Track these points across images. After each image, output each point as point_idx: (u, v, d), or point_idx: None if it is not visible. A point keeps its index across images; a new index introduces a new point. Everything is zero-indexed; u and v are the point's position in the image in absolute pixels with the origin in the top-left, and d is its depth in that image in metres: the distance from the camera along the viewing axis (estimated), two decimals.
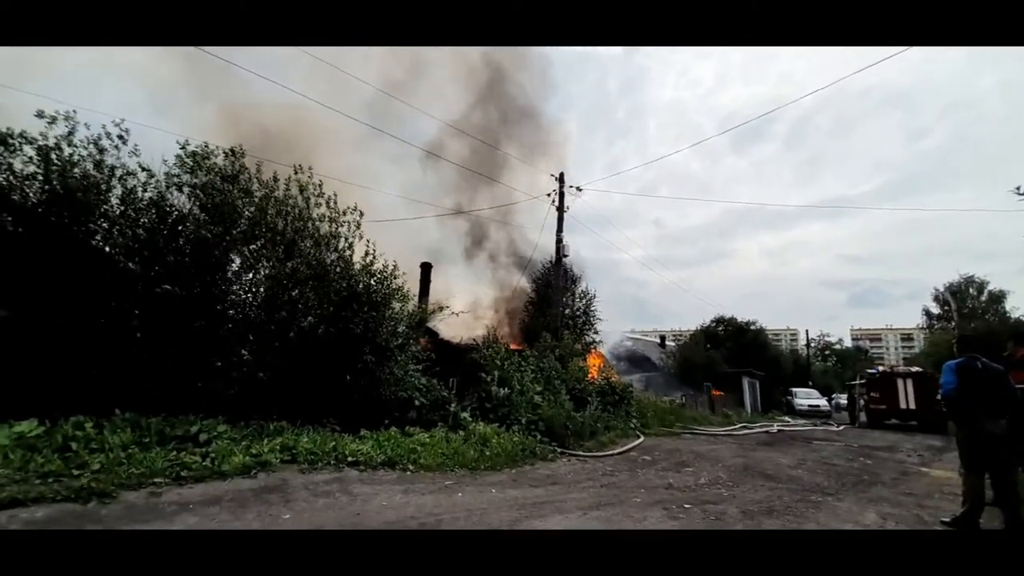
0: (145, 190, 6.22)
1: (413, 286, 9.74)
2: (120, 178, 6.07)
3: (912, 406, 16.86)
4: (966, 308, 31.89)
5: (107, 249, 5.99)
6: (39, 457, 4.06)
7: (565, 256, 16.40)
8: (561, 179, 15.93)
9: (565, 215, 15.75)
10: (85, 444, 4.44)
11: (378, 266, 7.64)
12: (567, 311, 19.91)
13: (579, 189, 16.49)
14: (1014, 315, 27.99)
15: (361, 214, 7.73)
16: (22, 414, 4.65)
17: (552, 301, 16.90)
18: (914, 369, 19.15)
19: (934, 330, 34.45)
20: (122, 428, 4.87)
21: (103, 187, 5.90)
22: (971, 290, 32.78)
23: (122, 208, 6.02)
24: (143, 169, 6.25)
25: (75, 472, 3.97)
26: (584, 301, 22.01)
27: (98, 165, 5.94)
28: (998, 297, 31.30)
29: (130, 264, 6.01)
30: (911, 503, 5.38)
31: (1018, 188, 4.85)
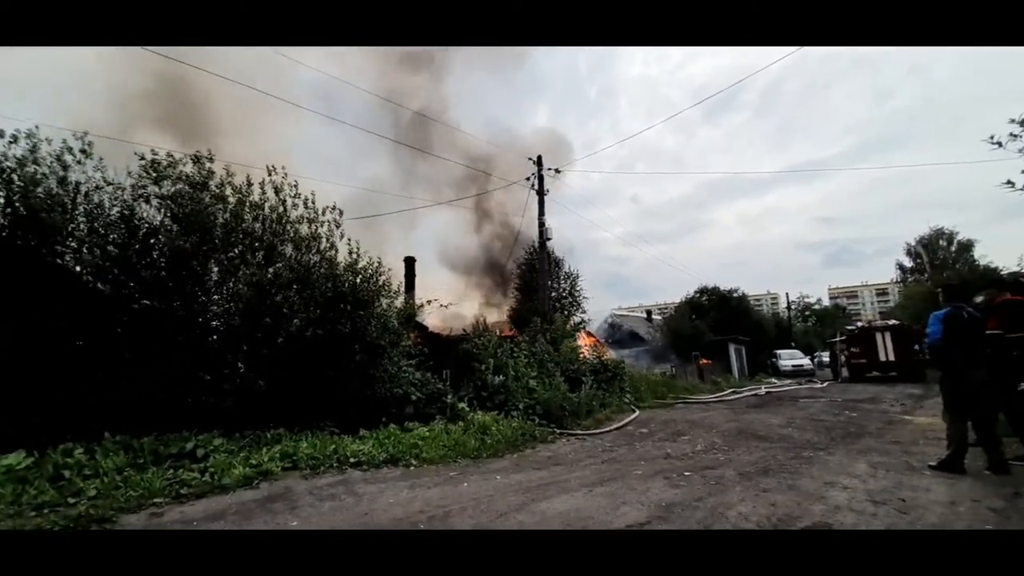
0: (112, 205, 5.99)
1: (392, 277, 9.56)
2: (86, 194, 5.84)
3: (891, 358, 17.52)
4: (937, 259, 32.88)
5: (78, 269, 5.79)
6: (31, 489, 3.95)
7: (548, 239, 16.39)
8: (539, 162, 15.84)
9: (547, 198, 15.71)
10: (78, 471, 4.33)
11: (363, 263, 7.54)
12: (553, 294, 20.01)
13: (557, 171, 16.43)
14: (982, 263, 28.99)
15: (340, 212, 7.60)
16: (8, 447, 4.51)
17: (538, 285, 16.94)
18: (891, 322, 19.82)
19: (908, 283, 35.55)
20: (114, 451, 4.77)
21: (68, 205, 5.67)
22: (941, 241, 33.77)
23: (90, 225, 5.80)
24: (108, 183, 6.02)
25: (71, 500, 3.87)
26: (569, 282, 22.15)
27: (62, 182, 5.70)
28: (967, 246, 32.33)
29: (99, 284, 5.82)
30: (898, 451, 5.62)
31: (992, 137, 4.95)
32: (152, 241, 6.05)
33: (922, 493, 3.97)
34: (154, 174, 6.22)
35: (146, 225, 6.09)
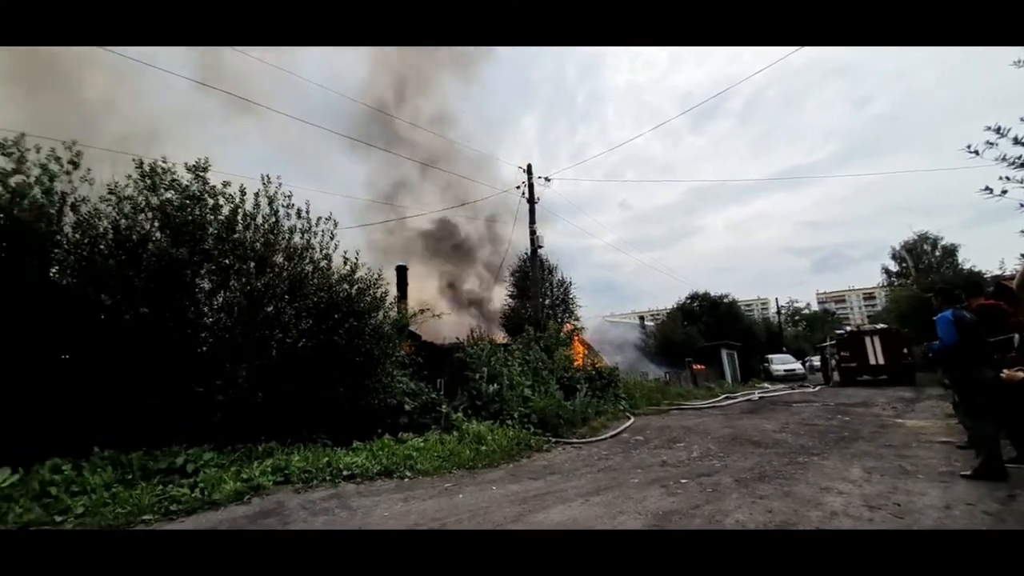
0: (98, 217, 5.91)
1: (389, 289, 9.58)
2: (72, 205, 5.77)
3: (881, 361, 17.68)
4: (922, 264, 33.41)
5: (64, 281, 5.69)
6: (17, 507, 3.84)
7: (540, 247, 16.45)
8: (529, 170, 15.92)
9: (537, 206, 15.78)
10: (65, 488, 4.23)
11: (360, 274, 7.52)
12: (547, 301, 20.06)
13: (548, 180, 16.53)
14: (966, 267, 29.48)
15: (335, 223, 7.59)
16: None
17: (531, 293, 16.96)
18: (879, 326, 20.04)
19: (894, 287, 36.05)
20: (102, 467, 4.66)
21: (54, 216, 5.60)
22: (925, 246, 34.35)
23: (77, 237, 5.72)
24: (112, 192, 5.96)
25: (57, 519, 3.79)
26: (561, 289, 22.25)
27: (48, 192, 5.62)
28: (951, 251, 32.91)
29: (98, 291, 5.71)
30: (892, 455, 5.66)
31: (969, 146, 5.07)
32: (141, 251, 5.96)
33: (917, 497, 3.99)
34: (149, 182, 6.16)
35: (136, 234, 6.01)
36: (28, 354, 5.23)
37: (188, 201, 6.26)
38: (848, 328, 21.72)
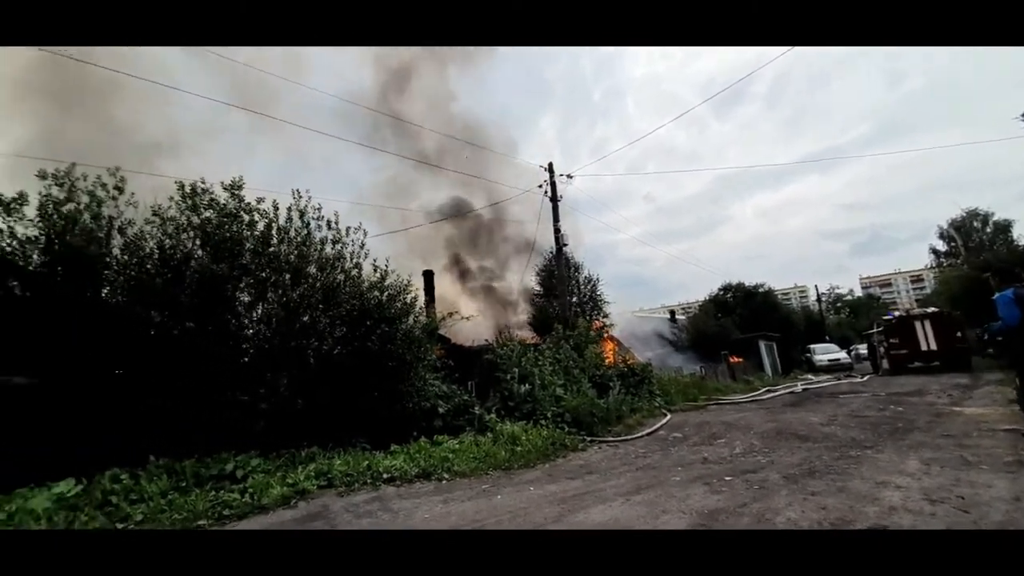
0: (144, 238, 6.23)
1: (418, 294, 9.72)
2: (119, 228, 6.10)
3: (933, 347, 16.71)
4: (972, 242, 31.49)
5: (115, 300, 6.02)
6: (82, 515, 4.09)
7: (565, 245, 16.36)
8: (551, 169, 15.86)
9: (560, 204, 15.69)
10: (125, 496, 4.47)
11: (391, 280, 7.66)
12: (574, 299, 19.92)
13: (569, 177, 16.43)
14: (1022, 243, 27.53)
15: (365, 232, 7.76)
16: (58, 475, 4.68)
17: (557, 291, 16.87)
18: (930, 310, 18.97)
19: (943, 268, 34.07)
20: (158, 475, 4.90)
21: (102, 239, 5.93)
22: (975, 223, 32.38)
23: (125, 257, 6.05)
24: (156, 214, 6.27)
25: (119, 526, 4.00)
26: (589, 287, 22.04)
27: (96, 217, 5.96)
28: (1004, 227, 30.88)
29: (147, 308, 6.01)
30: (951, 445, 5.34)
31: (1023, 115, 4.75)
32: (184, 269, 6.25)
33: (982, 489, 3.75)
34: (190, 202, 6.45)
35: (180, 253, 6.30)
36: (85, 370, 5.56)
37: (226, 219, 6.53)
38: (896, 313, 20.63)
